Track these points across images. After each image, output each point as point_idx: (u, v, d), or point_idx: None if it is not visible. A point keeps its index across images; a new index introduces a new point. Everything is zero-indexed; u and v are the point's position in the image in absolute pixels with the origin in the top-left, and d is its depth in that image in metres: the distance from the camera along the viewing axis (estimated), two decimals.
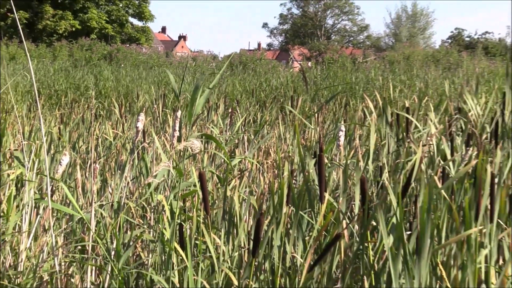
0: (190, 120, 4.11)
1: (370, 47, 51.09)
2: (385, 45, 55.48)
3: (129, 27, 50.85)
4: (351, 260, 3.36)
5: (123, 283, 3.40)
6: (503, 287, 3.21)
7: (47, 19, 46.11)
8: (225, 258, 3.43)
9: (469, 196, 3.42)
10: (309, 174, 3.88)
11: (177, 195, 3.74)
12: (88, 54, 31.53)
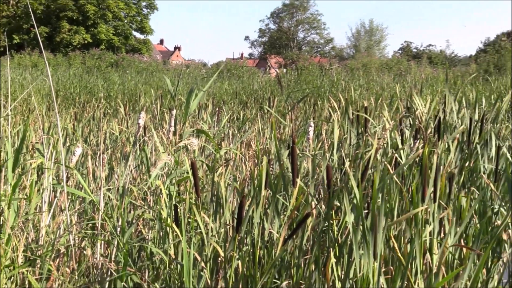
0: (186, 117, 4.11)
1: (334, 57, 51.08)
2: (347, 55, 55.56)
3: (133, 39, 50.63)
4: (318, 235, 3.37)
5: (127, 255, 3.40)
6: (444, 255, 3.24)
7: (63, 33, 45.90)
8: (213, 233, 3.44)
9: (416, 181, 3.44)
10: (284, 163, 3.89)
11: (173, 181, 3.74)
12: (98, 62, 31.37)
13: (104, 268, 3.56)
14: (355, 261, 3.08)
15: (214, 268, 3.35)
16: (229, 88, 16.73)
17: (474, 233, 4.02)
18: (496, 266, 3.61)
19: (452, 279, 3.22)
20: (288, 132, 7.17)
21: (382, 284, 2.98)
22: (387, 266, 3.34)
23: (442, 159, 4.41)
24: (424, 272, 3.22)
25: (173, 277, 3.38)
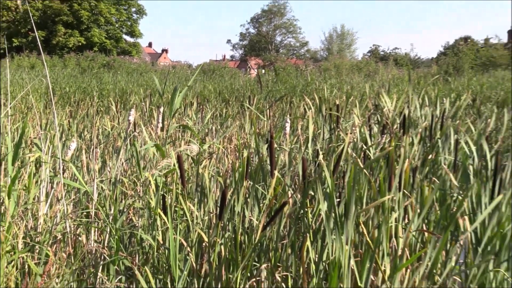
0: (171, 114, 4.10)
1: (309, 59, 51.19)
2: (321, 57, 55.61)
3: (123, 42, 50.36)
4: (294, 221, 3.38)
5: (119, 241, 3.39)
6: (408, 239, 3.27)
7: (59, 36, 45.57)
8: (198, 221, 3.44)
9: (383, 172, 3.46)
10: (263, 156, 3.90)
11: (161, 173, 3.74)
12: (91, 63, 31.15)
13: (98, 253, 3.56)
14: (328, 246, 3.10)
15: (198, 252, 3.35)
16: (212, 88, 16.70)
17: (435, 219, 4.06)
18: (454, 248, 3.64)
19: (415, 261, 3.25)
20: (266, 128, 7.18)
21: (352, 266, 3.00)
22: (357, 250, 3.36)
23: (407, 152, 4.44)
24: (390, 254, 3.25)
25: (161, 261, 3.38)
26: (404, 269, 3.21)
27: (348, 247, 2.96)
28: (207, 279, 3.25)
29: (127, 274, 3.51)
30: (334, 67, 29.34)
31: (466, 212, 3.72)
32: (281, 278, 3.26)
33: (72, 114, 9.52)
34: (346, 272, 2.94)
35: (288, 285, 3.25)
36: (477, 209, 3.74)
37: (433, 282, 3.37)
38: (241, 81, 19.63)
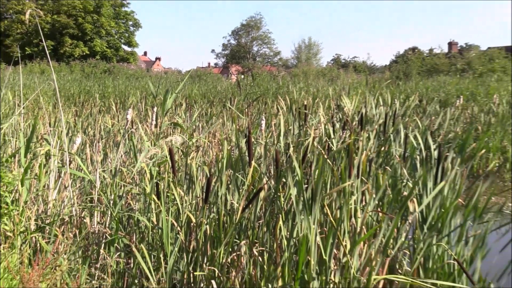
0: (163, 113, 4.07)
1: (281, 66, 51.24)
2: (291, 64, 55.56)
3: (122, 51, 49.90)
4: (269, 204, 3.39)
5: (119, 222, 3.37)
6: (365, 218, 3.29)
7: (66, 46, 45.08)
8: (187, 204, 3.42)
9: (344, 162, 3.48)
10: (242, 148, 3.89)
11: (155, 163, 3.72)
12: (94, 69, 30.83)
13: (100, 233, 3.53)
14: (297, 224, 3.10)
15: (187, 231, 3.34)
16: (198, 91, 16.63)
17: (388, 201, 4.10)
18: (404, 226, 3.68)
19: (371, 237, 3.28)
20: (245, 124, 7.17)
21: (318, 241, 3.01)
22: (322, 228, 3.38)
23: (364, 145, 4.47)
24: (350, 232, 3.27)
25: (155, 239, 3.37)
26: (362, 244, 3.23)
27: (314, 226, 2.97)
28: (195, 254, 3.24)
29: (126, 251, 3.49)
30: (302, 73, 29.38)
31: (414, 196, 3.75)
32: (258, 253, 3.27)
33: (77, 113, 9.41)
34: (313, 247, 2.95)
35: (264, 258, 3.25)
36: (423, 193, 3.78)
37: (386, 254, 3.40)
38: (223, 85, 19.58)
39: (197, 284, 3.17)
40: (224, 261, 3.16)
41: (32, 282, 2.44)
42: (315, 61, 57.11)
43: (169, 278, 3.00)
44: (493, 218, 3.98)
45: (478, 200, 3.98)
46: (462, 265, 3.17)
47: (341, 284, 3.07)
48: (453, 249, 3.73)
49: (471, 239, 3.80)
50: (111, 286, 3.13)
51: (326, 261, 3.01)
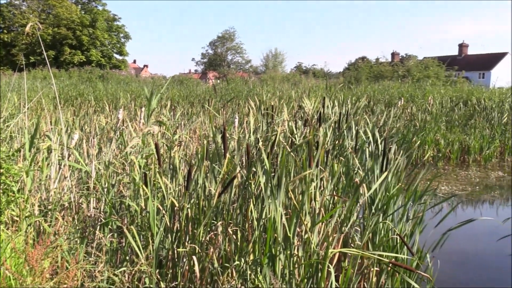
0: (149, 112, 4.00)
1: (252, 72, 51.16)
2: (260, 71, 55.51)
3: (114, 59, 49.09)
4: (242, 190, 3.37)
5: (112, 207, 3.31)
6: (323, 201, 3.30)
7: (66, 55, 44.18)
8: (171, 191, 3.38)
9: (305, 154, 3.48)
10: (218, 143, 3.86)
11: (143, 156, 3.66)
12: (90, 75, 30.25)
13: (95, 217, 3.46)
14: (266, 207, 3.10)
15: (171, 214, 3.30)
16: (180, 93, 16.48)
17: (342, 186, 4.12)
18: (356, 207, 3.71)
19: (329, 217, 3.29)
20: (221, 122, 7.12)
21: (283, 221, 3.01)
22: (287, 210, 3.37)
23: (322, 139, 4.48)
24: (310, 213, 3.28)
25: (144, 221, 3.31)
26: (320, 223, 3.24)
27: (280, 208, 2.96)
28: (178, 234, 3.20)
29: (118, 232, 3.43)
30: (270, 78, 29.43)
31: (365, 182, 3.78)
32: (232, 232, 3.25)
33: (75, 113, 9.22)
34: (279, 226, 2.95)
35: (238, 236, 3.24)
36: (372, 179, 3.82)
37: (341, 231, 3.42)
38: (202, 88, 19.45)
39: (180, 259, 3.14)
40: (203, 239, 3.13)
41: (35, 260, 2.37)
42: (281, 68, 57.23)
43: (156, 254, 2.95)
44: (429, 199, 4.05)
45: (417, 184, 4.04)
46: (403, 239, 3.20)
47: (303, 257, 3.08)
48: (396, 225, 3.78)
49: (411, 217, 3.86)
50: (106, 262, 3.07)
51: (290, 238, 3.01)
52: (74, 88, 17.02)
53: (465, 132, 11.89)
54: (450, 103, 14.29)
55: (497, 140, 11.81)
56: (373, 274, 3.48)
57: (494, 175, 10.13)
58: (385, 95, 16.09)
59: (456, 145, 11.32)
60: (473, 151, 11.49)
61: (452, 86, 20.75)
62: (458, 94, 15.90)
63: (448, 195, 8.00)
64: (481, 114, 12.85)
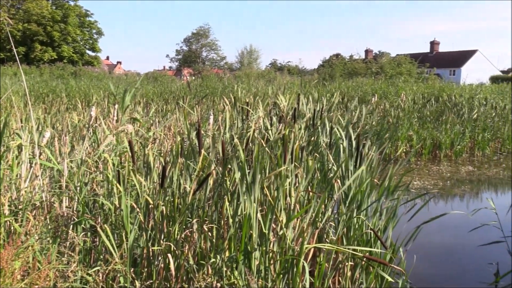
0: (122, 109, 3.95)
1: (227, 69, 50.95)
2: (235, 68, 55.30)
3: (87, 56, 48.17)
4: (217, 187, 3.36)
5: (85, 206, 3.26)
6: (298, 197, 3.32)
7: (36, 52, 43.15)
8: (145, 189, 3.34)
9: (280, 150, 3.49)
10: (193, 140, 3.84)
11: (116, 154, 3.61)
12: (62, 72, 29.62)
13: (68, 216, 3.40)
14: (241, 204, 3.10)
15: (146, 212, 3.26)
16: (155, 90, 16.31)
17: (317, 182, 4.15)
18: (330, 202, 3.74)
19: (304, 212, 3.31)
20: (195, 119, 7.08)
21: (259, 218, 3.01)
22: (262, 206, 3.38)
23: (297, 135, 4.51)
24: (285, 208, 3.29)
25: (118, 220, 3.27)
26: (295, 219, 3.26)
27: (255, 205, 2.97)
28: (153, 232, 3.17)
29: (92, 231, 3.38)
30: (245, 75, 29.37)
31: (339, 177, 3.82)
32: (207, 229, 3.24)
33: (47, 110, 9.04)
34: (254, 222, 2.96)
35: (213, 234, 3.23)
36: (346, 174, 3.86)
37: (315, 227, 3.45)
38: (177, 85, 19.29)
39: (155, 258, 3.11)
40: (178, 237, 3.11)
41: (6, 261, 2.32)
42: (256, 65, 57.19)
43: (130, 253, 2.92)
44: (402, 194, 4.12)
45: (390, 180, 4.10)
46: (377, 234, 3.25)
47: (279, 253, 3.09)
48: (370, 220, 3.83)
49: (384, 212, 3.92)
50: (79, 261, 3.02)
51: (266, 234, 3.02)
52: (45, 85, 16.65)
53: (436, 128, 12.12)
54: (422, 99, 14.54)
55: (467, 135, 12.09)
56: (347, 268, 3.53)
57: (465, 169, 10.37)
58: (359, 91, 16.27)
59: (428, 141, 11.54)
60: (444, 147, 11.73)
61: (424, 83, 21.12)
62: (429, 90, 16.20)
63: (421, 189, 8.16)
64: (452, 110, 13.12)
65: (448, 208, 7.24)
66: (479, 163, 11.28)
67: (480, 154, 12.24)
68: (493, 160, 11.66)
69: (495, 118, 12.98)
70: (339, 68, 28.95)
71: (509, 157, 12.14)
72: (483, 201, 7.66)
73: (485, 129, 12.45)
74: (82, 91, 15.36)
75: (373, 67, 28.51)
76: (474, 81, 29.89)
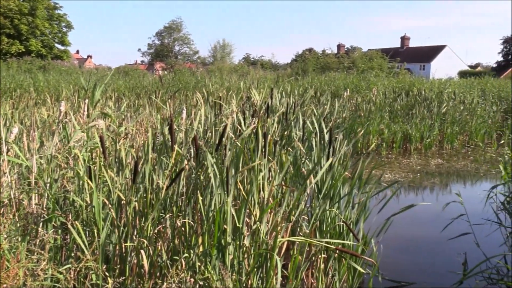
0: (92, 104, 3.88)
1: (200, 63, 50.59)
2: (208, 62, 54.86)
3: (56, 50, 47.00)
4: (190, 182, 3.34)
5: (55, 203, 3.20)
6: (271, 191, 3.34)
7: (3, 45, 41.90)
8: (117, 185, 3.30)
9: (253, 144, 3.49)
10: (165, 135, 3.81)
11: (87, 149, 3.55)
12: (30, 66, 28.85)
13: (38, 213, 3.33)
14: (215, 198, 3.09)
15: (118, 208, 3.23)
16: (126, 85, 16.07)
17: (290, 176, 4.18)
18: (304, 195, 3.77)
19: (277, 205, 3.33)
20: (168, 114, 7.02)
21: (232, 212, 3.01)
22: (236, 201, 3.38)
23: (270, 129, 4.52)
24: (259, 203, 3.30)
25: (89, 217, 3.22)
26: (269, 212, 3.28)
27: (229, 199, 2.97)
28: (125, 228, 3.14)
29: (62, 228, 3.32)
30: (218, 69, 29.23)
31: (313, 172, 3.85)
32: (181, 224, 3.23)
33: (14, 105, 8.81)
34: (228, 217, 2.96)
35: (186, 229, 3.22)
36: (318, 168, 3.89)
37: (289, 220, 3.47)
38: (149, 80, 19.05)
39: (128, 254, 3.08)
40: (151, 233, 3.09)
41: None
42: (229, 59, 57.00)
43: (102, 250, 2.88)
44: (373, 187, 4.19)
45: (362, 173, 4.16)
46: (349, 226, 3.30)
47: (252, 247, 3.10)
48: (342, 213, 3.88)
49: (356, 204, 3.97)
50: (49, 259, 2.96)
51: (240, 228, 3.03)
52: (12, 79, 16.21)
53: (407, 121, 12.34)
54: (393, 94, 14.77)
55: (437, 129, 12.35)
56: (320, 261, 3.57)
57: (434, 162, 10.60)
58: (332, 86, 16.41)
59: (398, 134, 11.74)
60: (415, 140, 11.96)
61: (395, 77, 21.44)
62: (400, 85, 16.46)
63: (392, 182, 8.30)
64: (422, 105, 13.37)
65: (419, 200, 7.40)
66: (448, 155, 11.55)
67: (449, 147, 12.53)
68: (461, 153, 11.95)
69: (463, 112, 13.29)
70: (312, 63, 29.09)
71: (477, 150, 12.47)
72: (452, 193, 7.85)
73: (453, 122, 12.74)
74: (52, 86, 15.01)
75: (345, 62, 28.76)
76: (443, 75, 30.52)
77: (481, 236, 4.51)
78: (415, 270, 4.73)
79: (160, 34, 58.89)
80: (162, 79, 14.05)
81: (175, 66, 34.65)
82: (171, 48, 57.79)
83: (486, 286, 4.18)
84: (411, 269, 4.74)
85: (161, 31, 58.86)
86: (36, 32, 45.01)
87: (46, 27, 45.86)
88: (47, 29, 46.38)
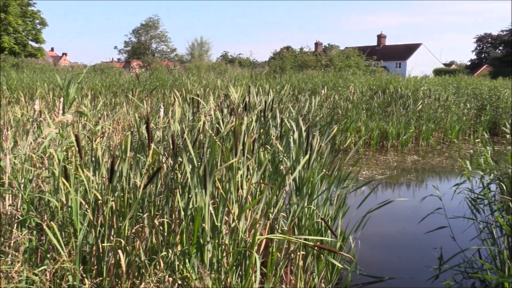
0: (67, 102, 3.82)
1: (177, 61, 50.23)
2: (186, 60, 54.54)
3: (30, 47, 46.03)
4: (168, 181, 3.32)
5: (30, 203, 3.14)
6: (250, 189, 3.34)
7: None
8: (94, 184, 3.26)
9: (231, 142, 3.49)
10: (142, 133, 3.77)
11: (62, 148, 3.49)
12: (3, 64, 28.19)
13: (12, 214, 3.26)
14: (193, 197, 3.08)
15: (95, 208, 3.18)
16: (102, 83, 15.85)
17: (268, 174, 4.19)
18: (282, 193, 3.79)
19: (256, 203, 3.34)
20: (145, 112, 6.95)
21: (211, 210, 3.01)
22: (214, 199, 3.38)
23: (248, 127, 4.51)
24: (238, 201, 3.30)
25: (66, 217, 3.17)
26: (248, 210, 3.28)
27: (207, 198, 2.96)
28: (102, 228, 3.10)
29: (38, 229, 3.26)
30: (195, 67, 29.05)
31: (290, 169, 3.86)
32: (159, 223, 3.20)
33: None
34: (207, 215, 2.95)
35: (165, 228, 3.20)
36: (296, 165, 3.91)
37: (267, 217, 3.48)
38: (125, 78, 18.83)
39: (106, 254, 3.04)
40: (129, 232, 3.05)
41: None
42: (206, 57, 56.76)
43: (79, 250, 2.84)
44: (351, 183, 4.23)
45: (339, 169, 4.20)
46: (327, 222, 3.32)
47: (231, 245, 3.10)
48: (320, 209, 3.91)
49: (335, 201, 4.01)
50: (24, 261, 2.91)
51: (218, 226, 3.02)
52: None
53: (383, 119, 12.50)
54: (370, 91, 14.93)
55: (413, 126, 12.54)
56: (299, 257, 3.59)
57: (410, 159, 10.77)
58: (309, 84, 16.50)
59: (375, 132, 11.88)
60: (391, 137, 12.12)
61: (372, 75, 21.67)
62: (377, 83, 16.65)
63: (369, 179, 8.40)
64: (398, 102, 13.56)
65: (396, 196, 7.50)
66: (423, 152, 11.74)
67: (425, 144, 12.75)
68: (437, 150, 12.17)
69: (439, 109, 13.53)
70: (289, 61, 29.17)
71: (451, 146, 12.71)
72: (428, 188, 7.99)
73: (429, 119, 12.96)
74: (25, 84, 14.71)
75: (322, 60, 28.93)
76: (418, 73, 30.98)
77: (457, 230, 4.61)
78: (392, 265, 4.80)
79: (137, 32, 58.31)
80: (139, 77, 13.89)
81: (152, 64, 34.33)
82: (148, 45, 57.28)
83: (461, 280, 4.28)
84: (389, 264, 4.81)
85: (138, 29, 58.29)
86: (9, 29, 43.99)
87: (19, 24, 44.86)
88: (21, 26, 45.37)
